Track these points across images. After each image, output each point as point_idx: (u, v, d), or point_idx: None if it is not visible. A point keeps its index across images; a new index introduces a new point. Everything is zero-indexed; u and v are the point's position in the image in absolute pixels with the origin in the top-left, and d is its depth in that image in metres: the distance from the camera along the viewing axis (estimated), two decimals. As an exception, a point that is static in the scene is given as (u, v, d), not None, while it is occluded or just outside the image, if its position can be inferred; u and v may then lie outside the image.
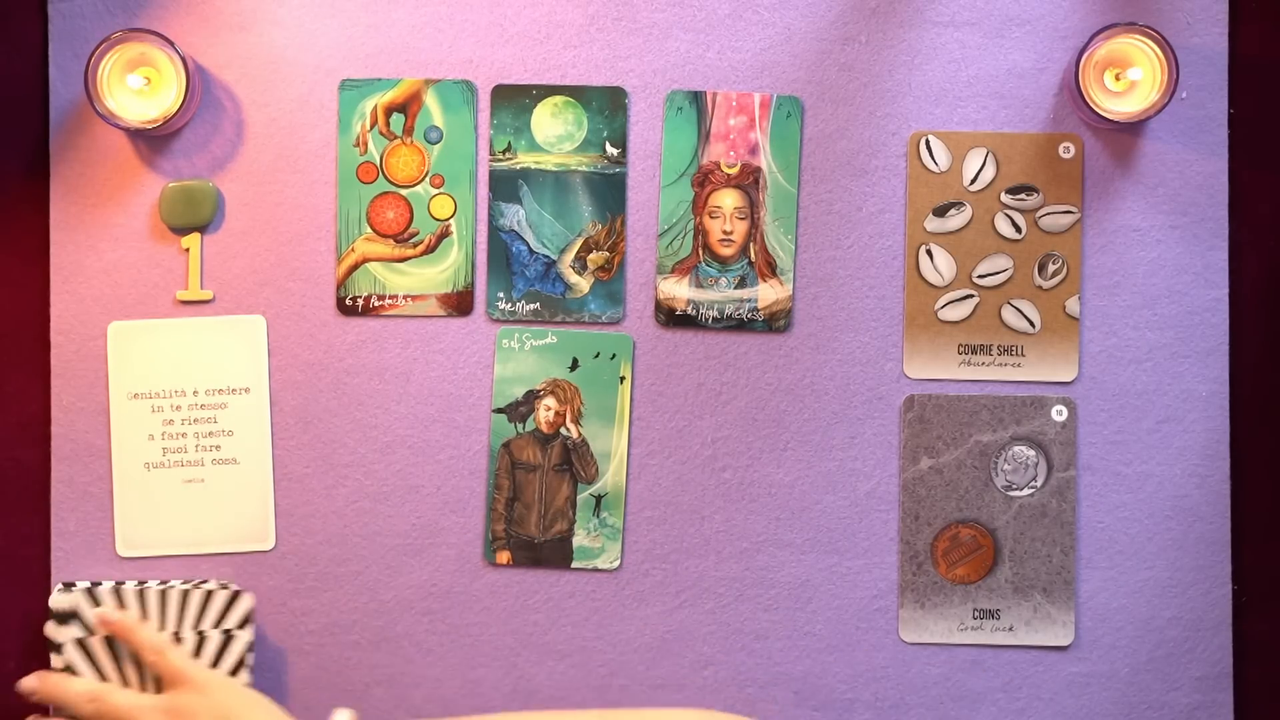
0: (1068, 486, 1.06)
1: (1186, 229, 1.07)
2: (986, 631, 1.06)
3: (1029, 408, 1.07)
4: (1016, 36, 1.07)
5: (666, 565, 1.06)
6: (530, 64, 1.08)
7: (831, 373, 1.07)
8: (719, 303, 1.07)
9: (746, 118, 1.07)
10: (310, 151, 1.07)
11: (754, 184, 1.07)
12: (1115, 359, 1.07)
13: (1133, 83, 1.04)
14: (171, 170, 1.07)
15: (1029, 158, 1.07)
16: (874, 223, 1.07)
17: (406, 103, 1.07)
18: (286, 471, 1.07)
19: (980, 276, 1.07)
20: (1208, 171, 1.07)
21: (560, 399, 1.07)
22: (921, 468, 1.07)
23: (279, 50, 1.07)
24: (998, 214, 1.07)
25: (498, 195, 1.07)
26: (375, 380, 1.07)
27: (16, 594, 1.06)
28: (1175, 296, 1.07)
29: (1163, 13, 1.07)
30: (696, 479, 1.07)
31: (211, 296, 1.07)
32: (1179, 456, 1.07)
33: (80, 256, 1.07)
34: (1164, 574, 1.06)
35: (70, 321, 1.07)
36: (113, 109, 1.04)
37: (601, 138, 1.07)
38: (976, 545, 1.06)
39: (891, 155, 1.07)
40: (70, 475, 1.06)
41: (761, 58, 1.07)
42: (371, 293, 1.07)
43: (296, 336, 1.07)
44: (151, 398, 1.06)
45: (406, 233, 1.07)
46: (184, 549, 1.06)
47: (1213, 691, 1.06)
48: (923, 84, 1.07)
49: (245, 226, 1.07)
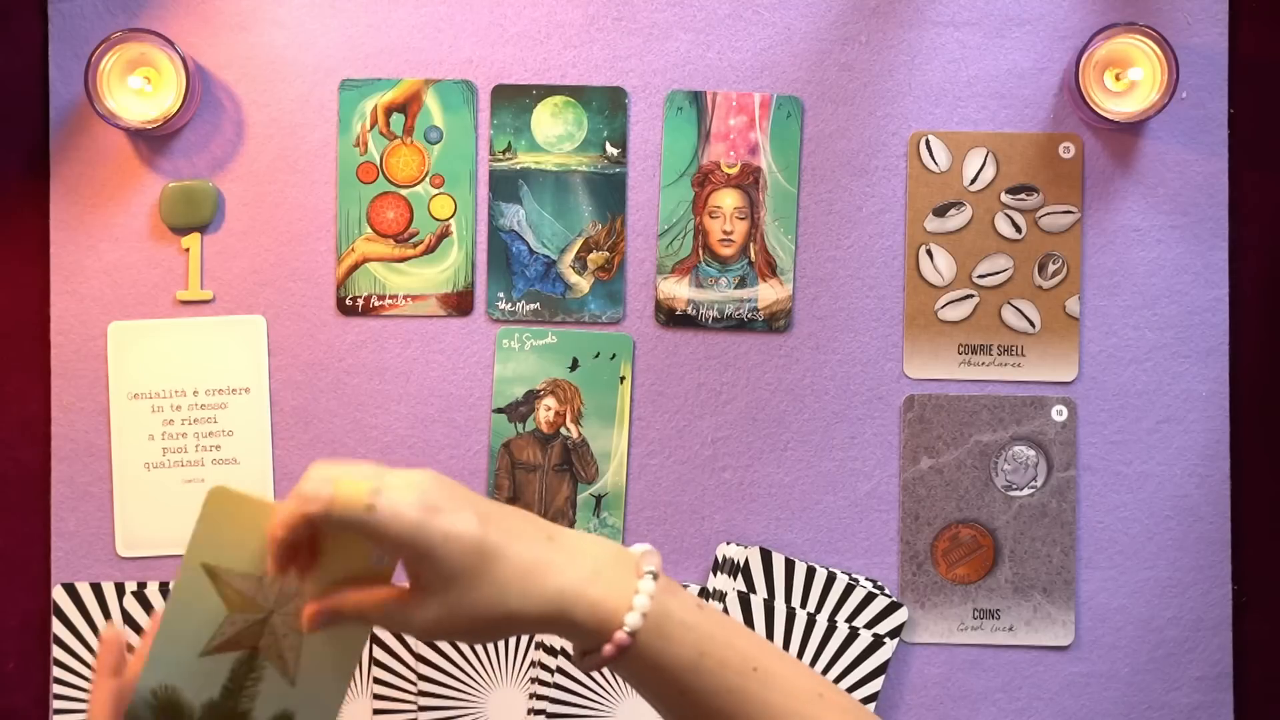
0: (1068, 486, 1.06)
1: (1186, 229, 1.07)
2: (986, 631, 1.06)
3: (1029, 408, 1.07)
4: (1016, 36, 1.07)
5: (666, 565, 1.06)
6: (530, 64, 1.08)
7: (831, 373, 1.07)
8: (719, 303, 1.07)
9: (746, 118, 1.07)
10: (310, 151, 1.07)
11: (754, 184, 1.07)
12: (1115, 359, 1.07)
13: (1133, 83, 1.04)
14: (171, 170, 1.07)
15: (1029, 158, 1.07)
16: (874, 223, 1.07)
17: (406, 103, 1.07)
18: (286, 471, 1.07)
19: (980, 276, 1.07)
20: (1208, 171, 1.07)
21: (560, 399, 1.07)
22: (921, 468, 1.07)
23: (279, 50, 1.07)
24: (998, 214, 1.07)
25: (498, 195, 1.08)
26: (375, 380, 1.07)
27: (16, 594, 1.06)
28: (1175, 296, 1.07)
29: (1163, 13, 1.07)
30: (696, 479, 1.07)
31: (211, 296, 1.07)
32: (1179, 456, 1.07)
33: (80, 256, 1.07)
34: (1164, 574, 1.06)
35: (70, 321, 1.07)
36: (113, 109, 1.04)
37: (601, 138, 1.07)
38: (976, 545, 1.06)
39: (891, 155, 1.07)
40: (70, 475, 1.06)
41: (761, 58, 1.07)
42: (371, 293, 1.07)
43: (296, 336, 1.07)
44: (151, 398, 1.06)
45: (406, 233, 1.07)
46: (184, 549, 1.06)
47: (1213, 691, 1.06)
48: (923, 84, 1.07)
49: (245, 226, 1.07)
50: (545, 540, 0.73)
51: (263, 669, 0.77)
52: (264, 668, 0.77)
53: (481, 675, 1.05)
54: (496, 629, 0.72)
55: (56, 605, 1.05)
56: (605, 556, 0.73)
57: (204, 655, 0.76)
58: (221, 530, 0.75)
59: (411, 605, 0.72)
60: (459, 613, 0.71)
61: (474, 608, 0.71)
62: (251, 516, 0.75)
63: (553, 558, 0.72)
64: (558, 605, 0.71)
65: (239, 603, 0.76)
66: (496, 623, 0.72)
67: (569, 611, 0.71)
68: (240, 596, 0.76)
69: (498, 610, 0.71)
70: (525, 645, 1.05)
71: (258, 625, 0.76)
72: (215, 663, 0.76)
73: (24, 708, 1.06)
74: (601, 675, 1.04)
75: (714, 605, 0.78)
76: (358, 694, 1.05)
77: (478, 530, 0.71)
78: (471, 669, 1.05)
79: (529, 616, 0.71)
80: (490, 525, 0.71)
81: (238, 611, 0.76)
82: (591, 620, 0.70)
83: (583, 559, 0.72)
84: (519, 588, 0.71)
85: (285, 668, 0.77)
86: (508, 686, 1.06)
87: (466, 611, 0.71)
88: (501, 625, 0.72)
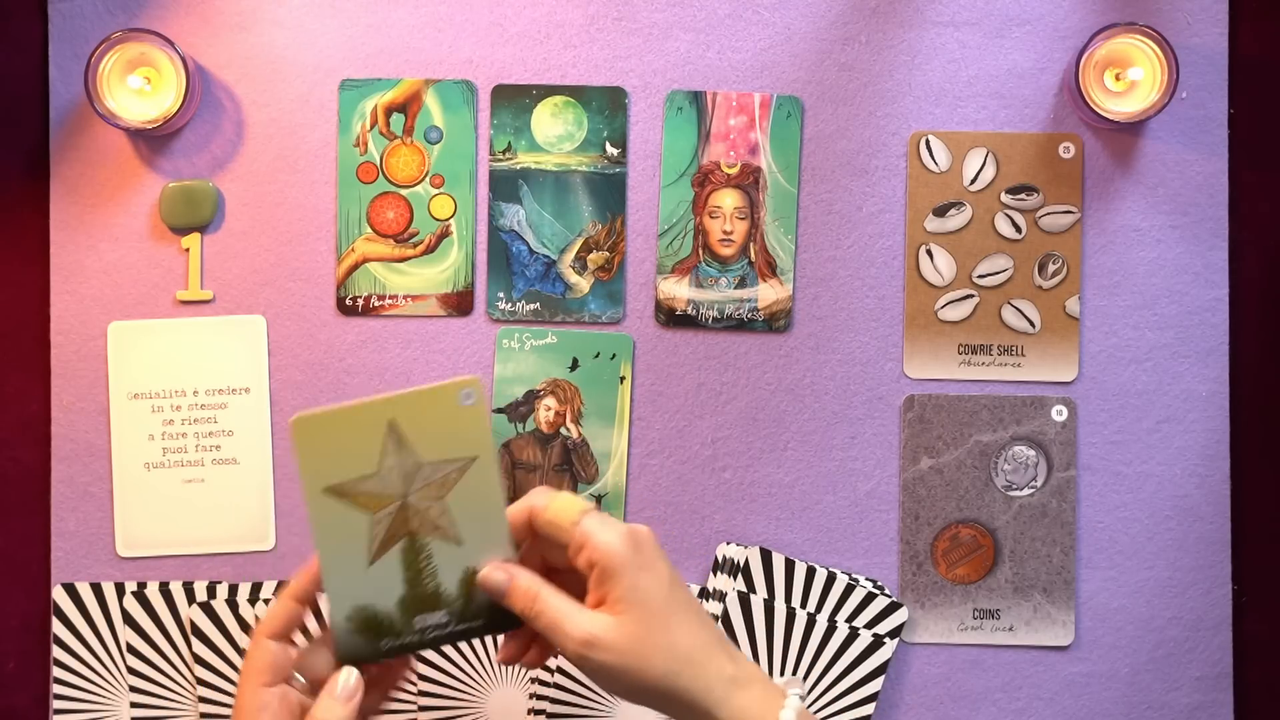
0: (1068, 486, 1.06)
1: (1186, 229, 1.07)
2: (986, 631, 1.06)
3: (1029, 408, 1.07)
4: (1016, 36, 1.07)
5: (666, 565, 1.06)
6: (530, 64, 1.08)
7: (831, 373, 1.07)
8: (719, 303, 1.07)
9: (746, 118, 1.07)
10: (310, 151, 1.07)
11: (754, 184, 1.07)
12: (1115, 359, 1.07)
13: (1133, 83, 1.04)
14: (171, 170, 1.07)
15: (1029, 158, 1.07)
16: (874, 223, 1.07)
17: (406, 103, 1.07)
18: (286, 471, 1.07)
19: (980, 276, 1.07)
20: (1208, 171, 1.07)
21: (560, 399, 1.07)
22: (921, 468, 1.07)
23: (279, 50, 1.07)
24: (998, 214, 1.07)
25: (498, 195, 1.08)
26: (375, 380, 1.07)
27: (16, 594, 1.06)
28: (1175, 296, 1.07)
29: (1163, 13, 1.07)
30: (696, 479, 1.07)
31: (211, 296, 1.07)
32: (1179, 456, 1.07)
33: (80, 256, 1.07)
34: (1164, 574, 1.06)
35: (70, 321, 1.07)
36: (113, 109, 1.04)
37: (601, 138, 1.07)
38: (976, 545, 1.06)
39: (891, 155, 1.07)
40: (70, 475, 1.06)
41: (761, 58, 1.07)
42: (371, 293, 1.07)
43: (296, 336, 1.07)
44: (151, 398, 1.06)
45: (406, 233, 1.07)
46: (184, 549, 1.06)
47: (1213, 691, 1.06)
48: (923, 84, 1.07)
49: (245, 226, 1.07)
50: (716, 631, 0.81)
51: (428, 547, 0.82)
52: (428, 545, 0.82)
53: (481, 675, 1.05)
54: (642, 679, 0.78)
55: (56, 605, 1.05)
56: (759, 672, 0.81)
57: (373, 564, 0.81)
58: (320, 451, 0.79)
59: (586, 615, 0.79)
60: (626, 646, 0.78)
61: (640, 653, 0.78)
62: (338, 426, 0.80)
63: (722, 648, 0.80)
64: (714, 692, 0.78)
65: (373, 503, 0.80)
66: (649, 677, 0.78)
67: (724, 701, 0.78)
68: (371, 497, 0.80)
69: (657, 666, 0.78)
70: (525, 645, 1.05)
71: (400, 513, 0.81)
72: (385, 565, 0.81)
73: (24, 708, 1.06)
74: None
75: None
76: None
77: (668, 575, 0.80)
78: (471, 669, 1.05)
79: (678, 689, 0.78)
80: (679, 588, 0.80)
81: (377, 511, 0.80)
82: (745, 716, 0.78)
83: (746, 664, 0.80)
84: (686, 654, 0.78)
85: (445, 534, 0.82)
86: (508, 686, 1.06)
87: (633, 648, 0.78)
88: (650, 681, 0.78)
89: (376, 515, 0.80)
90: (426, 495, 0.81)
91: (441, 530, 0.81)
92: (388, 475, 0.80)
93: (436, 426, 0.80)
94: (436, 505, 0.81)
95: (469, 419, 0.80)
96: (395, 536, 0.81)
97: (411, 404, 0.80)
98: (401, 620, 0.81)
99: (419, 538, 0.81)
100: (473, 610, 0.82)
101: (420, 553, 0.81)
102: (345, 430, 0.80)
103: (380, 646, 0.81)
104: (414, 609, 0.82)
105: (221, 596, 1.05)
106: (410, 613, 0.81)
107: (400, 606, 0.81)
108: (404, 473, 0.80)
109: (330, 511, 0.80)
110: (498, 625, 0.83)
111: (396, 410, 0.80)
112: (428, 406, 0.80)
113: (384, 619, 0.81)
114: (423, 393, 0.80)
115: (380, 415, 0.80)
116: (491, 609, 0.82)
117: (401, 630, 0.82)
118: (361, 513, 0.80)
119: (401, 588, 0.81)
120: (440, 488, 0.81)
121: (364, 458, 0.80)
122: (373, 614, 0.81)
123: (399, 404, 0.80)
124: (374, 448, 0.80)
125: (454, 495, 0.81)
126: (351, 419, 0.79)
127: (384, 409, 0.80)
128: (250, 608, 1.05)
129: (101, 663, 1.05)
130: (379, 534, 0.81)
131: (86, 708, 1.05)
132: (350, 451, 0.80)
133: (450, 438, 0.80)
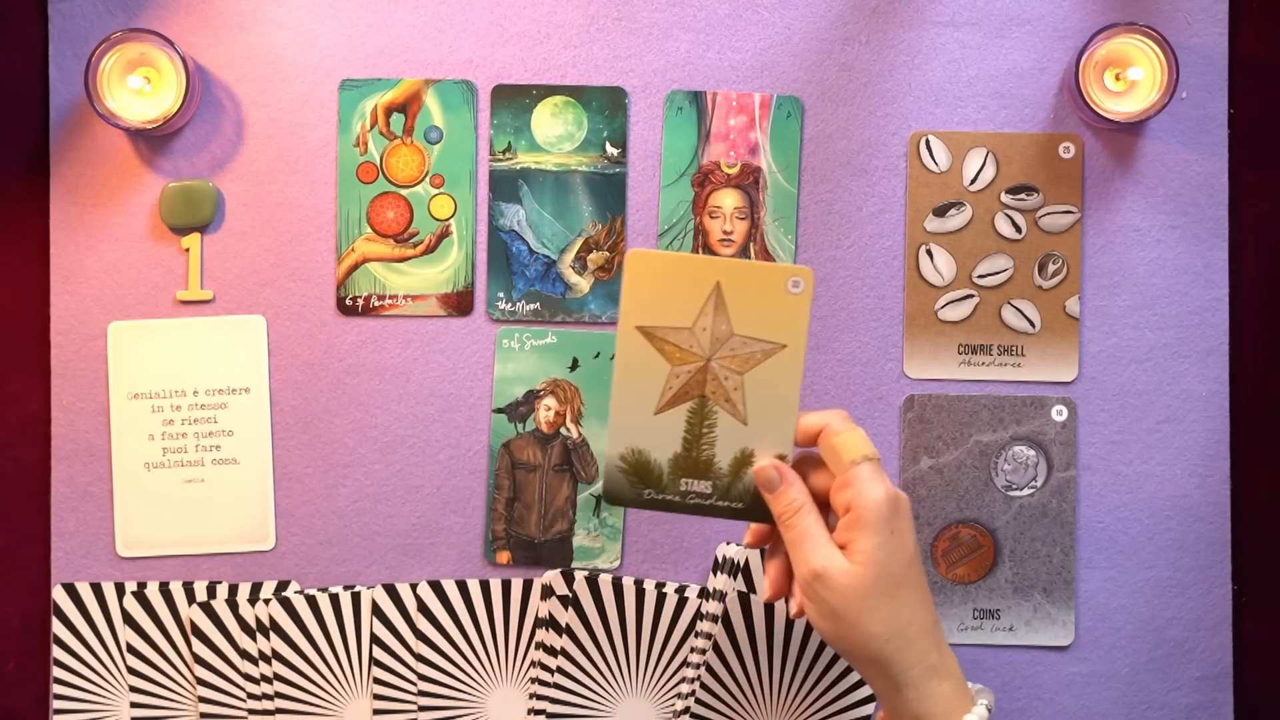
0: (1068, 486, 1.06)
1: (1186, 229, 1.07)
2: (986, 631, 1.06)
3: (1029, 408, 1.07)
4: (1016, 36, 1.07)
5: (666, 565, 1.06)
6: (530, 64, 1.08)
7: (831, 373, 1.07)
8: (719, 303, 1.07)
9: (746, 118, 1.07)
10: (310, 151, 1.07)
11: (754, 184, 1.07)
12: (1115, 359, 1.07)
13: (1133, 83, 1.04)
14: (171, 170, 1.07)
15: (1029, 158, 1.07)
16: (874, 223, 1.07)
17: (406, 103, 1.07)
18: (286, 471, 1.07)
19: (980, 276, 1.07)
20: (1208, 171, 1.07)
21: (560, 399, 1.07)
22: (921, 468, 1.07)
23: (279, 50, 1.07)
24: (998, 214, 1.07)
25: (498, 195, 1.08)
26: (375, 380, 1.07)
27: (16, 594, 1.06)
28: (1175, 296, 1.07)
29: (1163, 13, 1.07)
30: (696, 479, 1.07)
31: (211, 296, 1.07)
32: (1179, 456, 1.07)
33: (80, 256, 1.07)
34: (1164, 574, 1.06)
35: (70, 321, 1.07)
36: (113, 109, 1.04)
37: (601, 138, 1.07)
38: (976, 545, 1.06)
39: (891, 155, 1.07)
40: (70, 475, 1.06)
41: (761, 58, 1.07)
42: (371, 293, 1.07)
43: (296, 336, 1.07)
44: (151, 398, 1.06)
45: (406, 233, 1.07)
46: (184, 549, 1.06)
47: (1213, 691, 1.06)
48: (923, 84, 1.07)
49: (245, 226, 1.07)
50: (934, 618, 0.83)
51: (714, 415, 0.84)
52: (715, 414, 0.84)
53: (481, 675, 1.05)
54: (853, 632, 0.81)
55: (56, 605, 1.05)
56: (958, 670, 0.83)
57: (659, 414, 0.84)
58: (646, 290, 0.83)
59: (831, 550, 0.81)
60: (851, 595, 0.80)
61: (861, 607, 0.80)
62: (670, 271, 0.83)
63: (934, 634, 0.82)
64: (911, 671, 0.81)
65: (678, 355, 0.83)
66: (860, 633, 0.80)
67: (918, 683, 0.81)
68: (677, 350, 0.83)
69: (871, 626, 0.80)
70: (525, 645, 1.05)
71: (700, 374, 0.84)
72: (670, 418, 0.84)
73: (24, 708, 1.06)
74: (601, 675, 1.04)
75: None
76: (358, 693, 1.05)
77: (912, 548, 0.82)
78: (471, 669, 1.05)
79: (882, 656, 0.80)
80: (916, 564, 0.82)
81: (678, 364, 0.83)
82: (932, 706, 0.81)
83: (950, 657, 0.83)
84: (900, 627, 0.81)
85: (735, 409, 0.84)
86: (508, 686, 1.06)
87: (856, 600, 0.80)
88: (859, 638, 0.81)
89: (675, 369, 0.83)
90: (728, 365, 0.83)
91: (732, 404, 0.84)
92: (699, 334, 0.83)
93: (759, 303, 0.83)
94: (734, 378, 0.84)
95: (791, 306, 0.82)
96: (687, 394, 0.84)
97: (742, 273, 0.83)
98: (669, 477, 0.85)
99: (709, 403, 0.84)
100: (736, 492, 0.85)
101: (706, 418, 0.84)
102: (674, 277, 0.82)
103: (642, 494, 0.85)
104: (683, 470, 0.85)
105: (221, 596, 1.05)
106: (679, 473, 0.85)
107: (671, 463, 0.85)
108: (715, 336, 0.83)
109: (636, 350, 0.83)
110: (754, 515, 0.86)
111: (727, 274, 0.83)
112: (757, 281, 0.83)
113: (654, 470, 0.85)
114: (756, 266, 0.84)
115: (711, 274, 0.83)
116: (755, 498, 0.85)
117: (666, 486, 0.85)
118: (664, 361, 0.83)
119: (678, 445, 0.84)
120: (744, 362, 0.83)
121: (683, 310, 0.83)
122: (645, 461, 0.85)
123: (731, 269, 0.83)
124: (695, 304, 0.83)
125: (753, 375, 0.83)
126: (684, 268, 0.82)
127: (716, 269, 0.83)
128: (250, 608, 1.05)
129: (101, 663, 1.05)
130: (674, 386, 0.84)
131: (86, 708, 1.05)
132: (673, 299, 0.83)
133: (768, 319, 0.83)
